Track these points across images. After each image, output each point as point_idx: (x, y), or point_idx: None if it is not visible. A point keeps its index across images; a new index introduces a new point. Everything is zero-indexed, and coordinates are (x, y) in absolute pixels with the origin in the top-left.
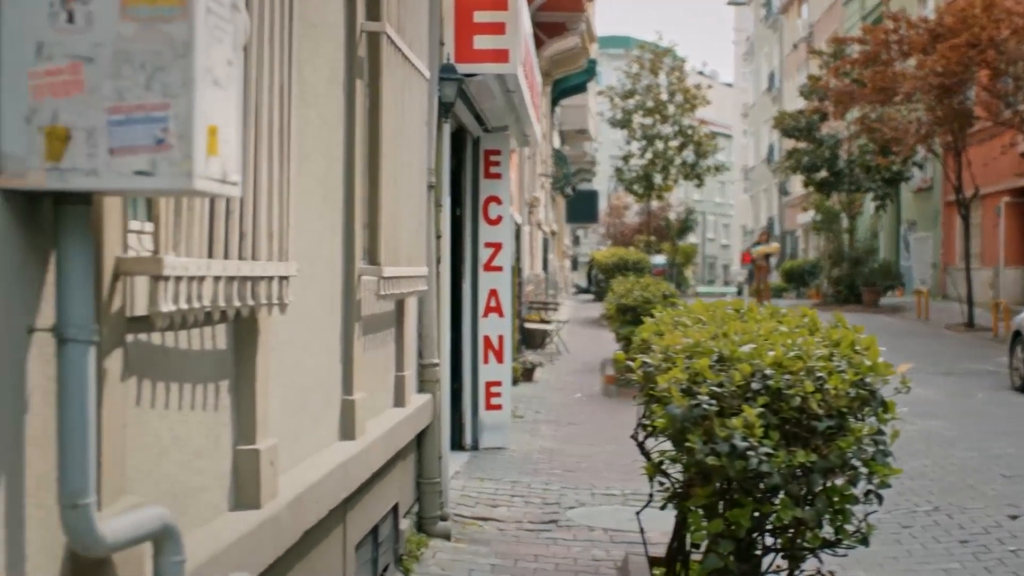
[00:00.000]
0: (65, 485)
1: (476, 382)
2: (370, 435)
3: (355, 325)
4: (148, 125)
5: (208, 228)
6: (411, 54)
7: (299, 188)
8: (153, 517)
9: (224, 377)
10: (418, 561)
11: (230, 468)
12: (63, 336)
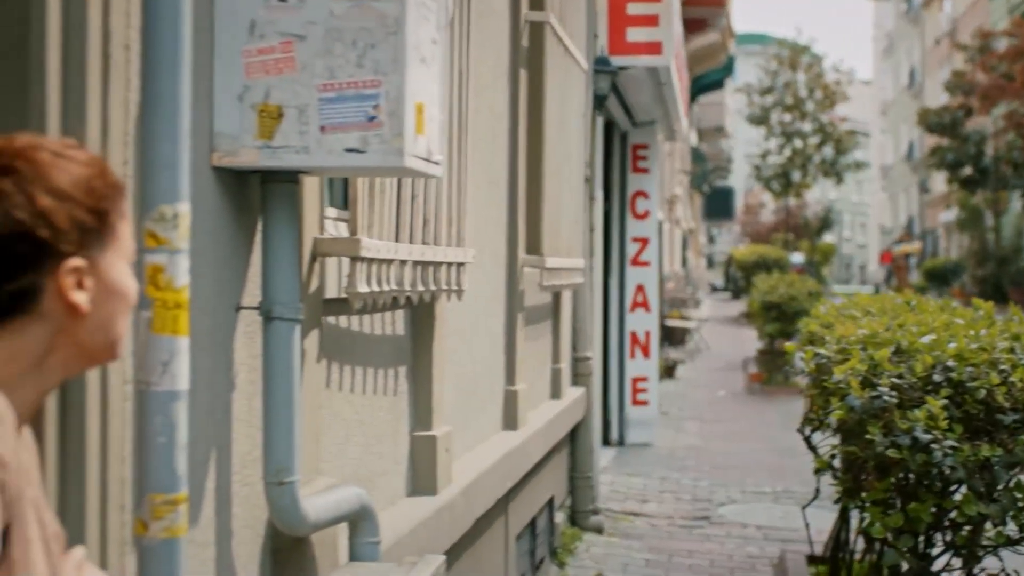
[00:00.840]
0: (270, 463)
1: (623, 377)
2: (530, 426)
3: (517, 316)
4: (359, 102)
5: (395, 212)
6: (571, 45)
7: (470, 176)
8: (352, 498)
9: (403, 363)
10: (572, 554)
11: (407, 453)
12: (270, 314)
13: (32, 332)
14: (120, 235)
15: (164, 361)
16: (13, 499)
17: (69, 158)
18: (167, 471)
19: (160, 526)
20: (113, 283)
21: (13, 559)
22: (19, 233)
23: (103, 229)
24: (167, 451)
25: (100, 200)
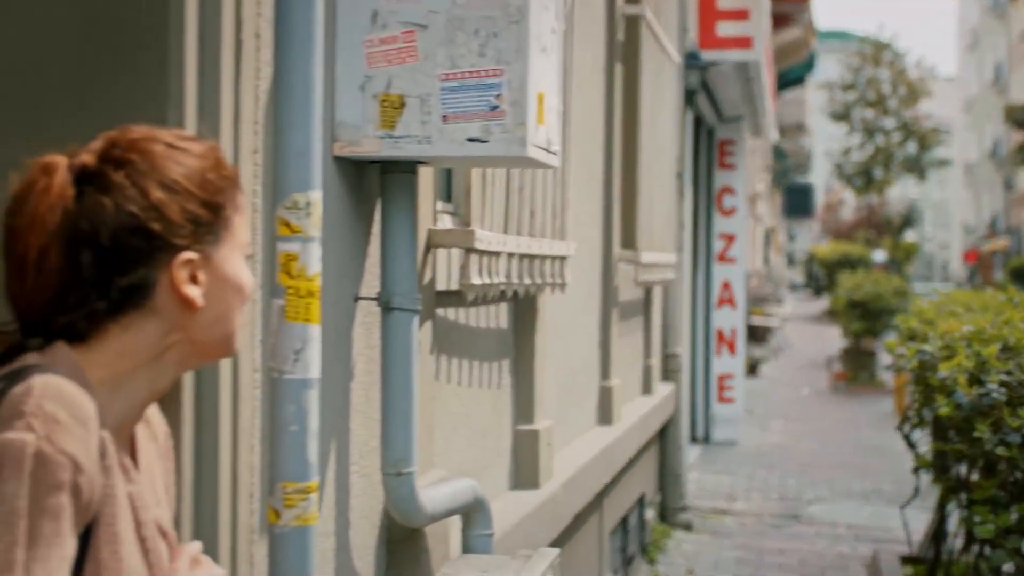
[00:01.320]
0: (389, 453)
1: (708, 374)
2: (624, 422)
3: (612, 311)
4: (481, 92)
5: (504, 204)
6: (665, 39)
7: (572, 169)
8: (466, 489)
9: (506, 356)
10: (663, 551)
11: (510, 447)
12: (389, 304)
13: (145, 328)
14: (234, 228)
15: (296, 349)
16: (92, 500)
17: (183, 150)
18: (299, 460)
19: (292, 514)
20: (227, 277)
21: (101, 558)
22: (132, 226)
23: (217, 222)
24: (299, 440)
25: (214, 193)
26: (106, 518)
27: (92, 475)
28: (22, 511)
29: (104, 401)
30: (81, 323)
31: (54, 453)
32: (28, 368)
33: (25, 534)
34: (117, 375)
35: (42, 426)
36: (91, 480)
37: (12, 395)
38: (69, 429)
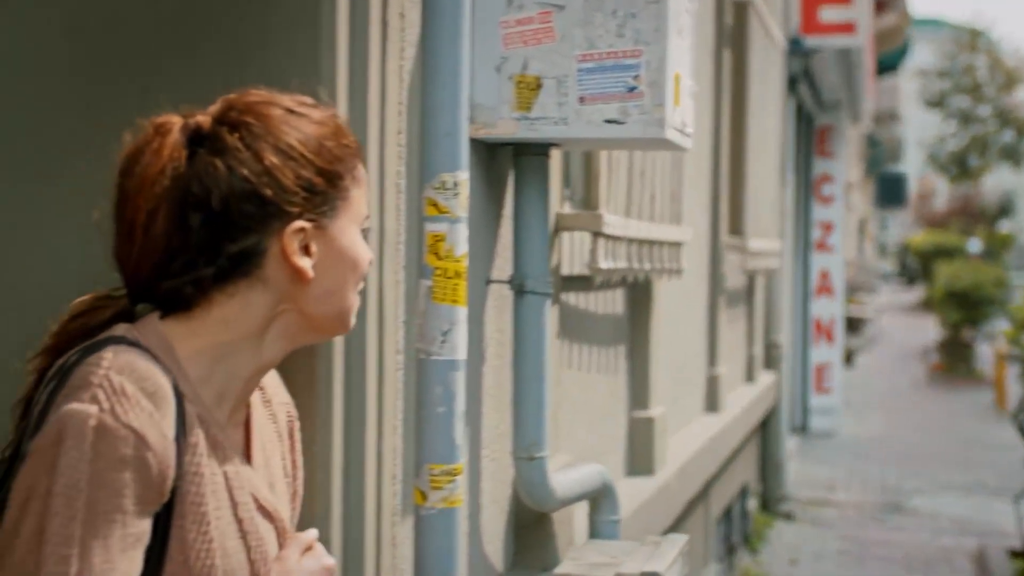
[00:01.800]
0: (521, 437)
1: (806, 364)
2: (730, 411)
3: (719, 298)
4: (619, 73)
5: (627, 188)
6: (771, 24)
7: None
8: (594, 474)
9: (622, 342)
10: (765, 541)
11: (625, 434)
12: (522, 288)
13: (251, 298)
14: (352, 200)
15: (444, 331)
16: (165, 478)
17: (302, 115)
18: (446, 442)
19: (438, 496)
20: (342, 249)
21: (187, 539)
22: (243, 191)
23: (333, 192)
24: (446, 421)
25: (331, 161)
26: (190, 497)
27: (161, 452)
28: (82, 485)
29: (202, 372)
30: (187, 289)
31: (117, 427)
32: (108, 339)
33: (84, 509)
34: (218, 345)
35: (107, 399)
36: (161, 457)
37: (84, 366)
38: (136, 403)
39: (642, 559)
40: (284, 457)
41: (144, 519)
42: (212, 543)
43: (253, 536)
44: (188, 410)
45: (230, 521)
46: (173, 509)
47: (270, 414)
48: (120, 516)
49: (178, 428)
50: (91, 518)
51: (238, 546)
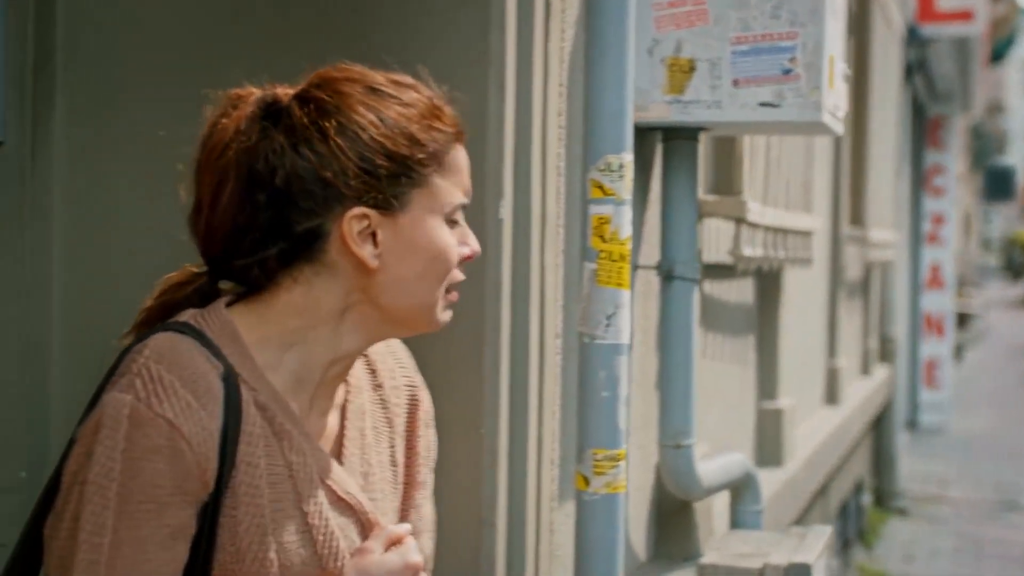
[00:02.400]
0: (667, 425)
1: (916, 359)
2: (848, 404)
3: (839, 289)
4: (774, 55)
5: (764, 175)
6: (892, 13)
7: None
8: (738, 464)
9: (751, 332)
10: (879, 537)
11: (753, 425)
12: (670, 273)
13: (318, 284)
14: (434, 188)
15: (608, 314)
16: (206, 469)
17: (386, 96)
18: (610, 427)
19: (601, 482)
20: (416, 240)
21: (239, 531)
22: (304, 171)
23: (407, 178)
24: (610, 406)
25: (408, 146)
26: (243, 487)
27: (198, 442)
28: (114, 474)
29: (270, 359)
30: (255, 270)
31: (151, 416)
32: (168, 324)
33: (116, 498)
34: (287, 332)
35: (143, 387)
36: (197, 447)
37: (131, 353)
38: (172, 392)
39: (789, 551)
40: (393, 444)
41: (184, 510)
42: (267, 535)
43: (320, 530)
44: (244, 398)
45: (292, 514)
46: (223, 499)
47: (379, 399)
48: (154, 506)
49: (228, 417)
50: (124, 507)
51: (300, 539)
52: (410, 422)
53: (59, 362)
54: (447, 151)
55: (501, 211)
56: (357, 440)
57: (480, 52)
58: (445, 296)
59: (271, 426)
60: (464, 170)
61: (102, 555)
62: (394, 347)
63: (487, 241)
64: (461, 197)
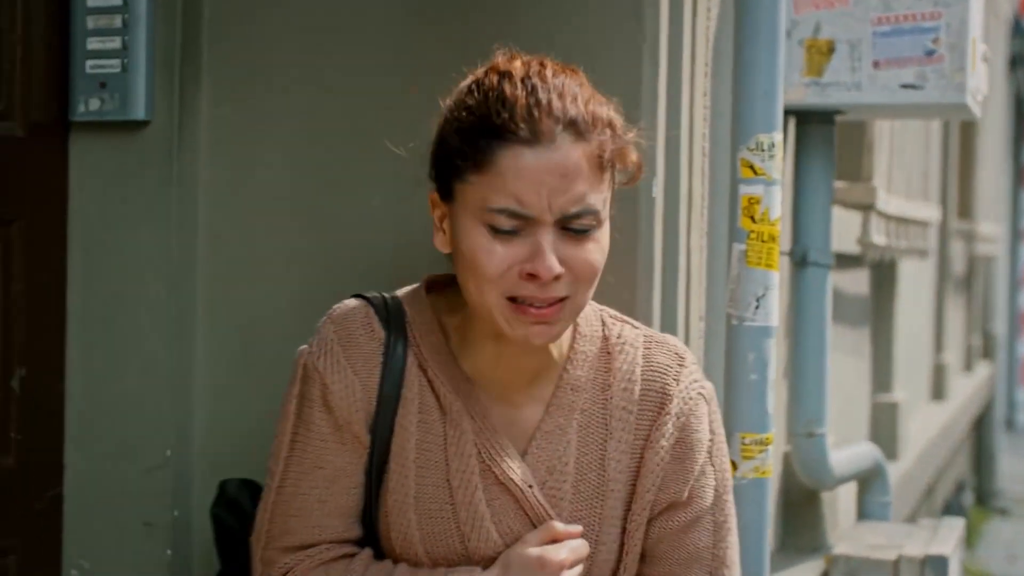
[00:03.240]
0: (800, 413)
1: (1012, 357)
2: (954, 400)
3: (946, 283)
4: (917, 36)
5: (887, 162)
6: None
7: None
8: (867, 454)
9: (865, 324)
10: (981, 537)
11: (868, 418)
12: (805, 259)
13: (457, 269)
14: (471, 188)
15: (758, 296)
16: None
17: (475, 78)
18: (758, 410)
19: (750, 466)
20: (456, 235)
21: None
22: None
23: (449, 171)
24: (759, 389)
25: (452, 135)
26: (396, 448)
27: (341, 398)
28: (291, 413)
29: (458, 341)
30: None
31: (312, 369)
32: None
33: (290, 431)
34: (464, 317)
35: (317, 344)
36: (340, 403)
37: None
38: (329, 350)
39: (923, 542)
40: (605, 450)
41: (342, 456)
42: (409, 497)
43: (465, 506)
44: (410, 367)
45: (439, 484)
46: (389, 458)
47: (602, 400)
48: (312, 447)
49: (385, 382)
50: (294, 440)
51: (445, 511)
52: (651, 430)
53: (202, 341)
54: (493, 150)
55: (654, 190)
56: (554, 435)
57: (634, 30)
58: (512, 308)
59: (437, 398)
60: (513, 177)
61: (275, 481)
62: (665, 348)
63: (639, 221)
64: (503, 202)
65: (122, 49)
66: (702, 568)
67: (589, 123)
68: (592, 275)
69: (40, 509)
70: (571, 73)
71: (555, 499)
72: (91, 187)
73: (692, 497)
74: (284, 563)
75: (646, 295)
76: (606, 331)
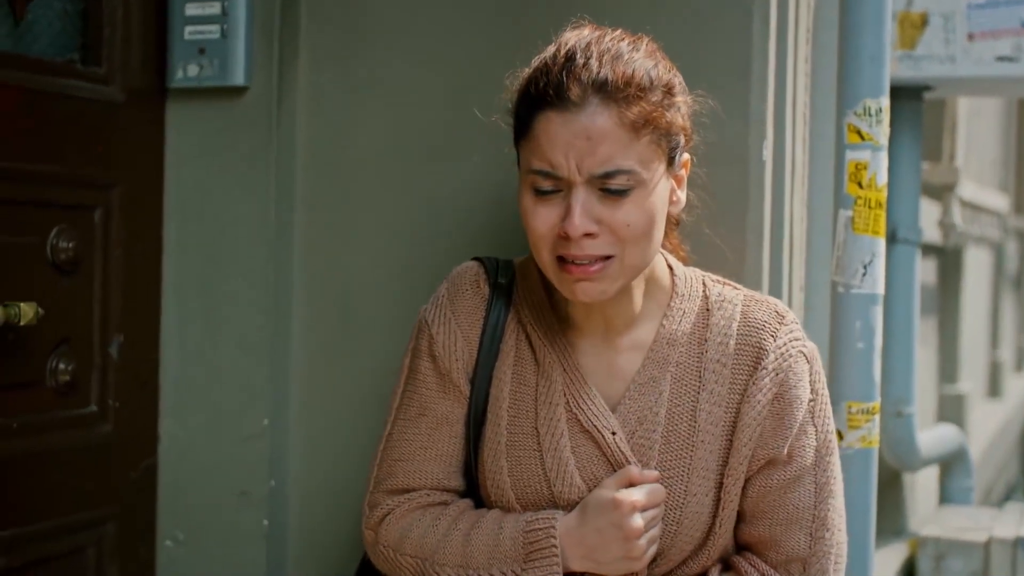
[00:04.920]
0: (888, 392)
1: None
2: (1011, 399)
3: (1002, 278)
4: (1013, 7)
5: (965, 145)
6: None
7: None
8: (952, 437)
9: (932, 313)
10: None
11: (935, 409)
12: (894, 236)
13: None
14: (522, 149)
15: (865, 263)
16: (458, 372)
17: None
18: (865, 379)
19: (856, 436)
20: (518, 201)
21: (486, 435)
22: None
23: (515, 131)
24: (866, 358)
25: (515, 99)
26: (492, 399)
27: (444, 350)
28: (405, 365)
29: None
30: None
31: (423, 323)
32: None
33: (404, 381)
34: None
35: (432, 301)
36: (442, 354)
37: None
38: (439, 305)
39: (1012, 525)
40: (697, 402)
41: (445, 404)
42: (501, 444)
43: (550, 452)
44: (510, 322)
45: (528, 432)
46: (487, 408)
47: (697, 353)
48: (417, 396)
49: (485, 335)
50: (402, 392)
51: (533, 459)
52: (747, 384)
53: (299, 310)
54: (533, 116)
55: (764, 152)
56: (647, 386)
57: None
58: (559, 266)
59: (533, 352)
60: (545, 141)
61: (385, 428)
62: (765, 306)
63: (750, 184)
64: (538, 164)
65: (221, 15)
66: (802, 529)
67: (620, 85)
68: (632, 235)
69: (135, 479)
70: (633, 41)
71: (644, 448)
72: (188, 154)
73: (792, 455)
74: (386, 504)
75: (755, 260)
76: (707, 291)
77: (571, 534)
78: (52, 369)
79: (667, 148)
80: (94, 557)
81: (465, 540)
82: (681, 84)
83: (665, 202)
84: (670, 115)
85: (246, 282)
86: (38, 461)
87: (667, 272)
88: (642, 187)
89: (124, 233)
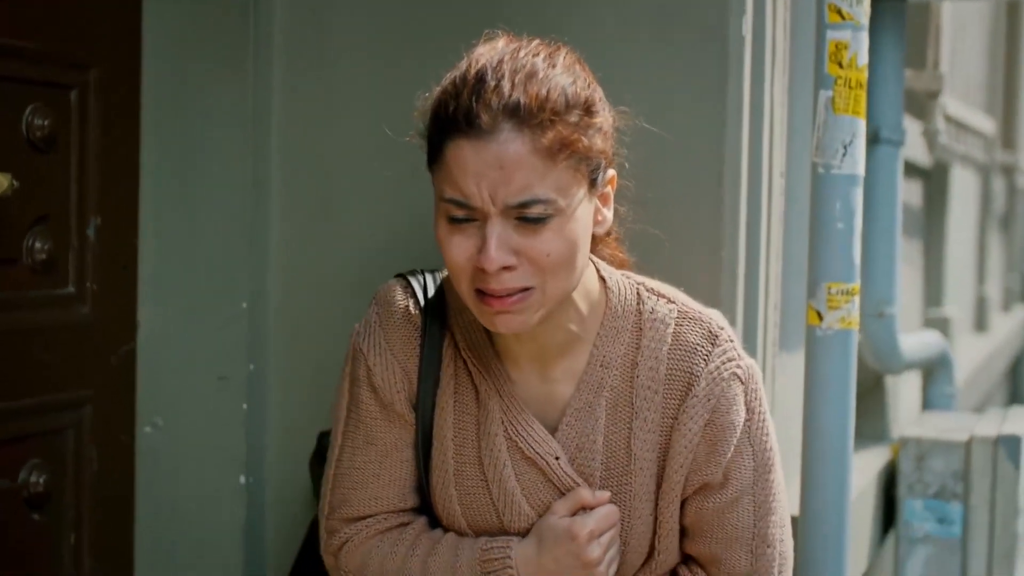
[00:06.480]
0: (870, 293)
1: None
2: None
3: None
4: None
5: (949, 59)
6: None
7: None
8: (936, 342)
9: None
10: None
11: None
12: (876, 136)
13: None
14: (435, 175)
15: (845, 143)
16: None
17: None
18: (844, 260)
19: (835, 316)
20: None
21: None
22: None
23: (430, 164)
24: (845, 238)
25: (426, 120)
26: (436, 427)
27: (382, 378)
28: (345, 390)
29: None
30: None
31: (358, 351)
32: (406, 272)
33: (345, 407)
34: None
35: (363, 326)
36: (381, 382)
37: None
38: (373, 333)
39: (994, 425)
40: (632, 428)
41: (391, 433)
42: (449, 473)
43: (495, 482)
44: (447, 351)
45: (472, 461)
46: (432, 435)
47: (628, 377)
48: (363, 425)
49: (424, 362)
50: (347, 418)
51: (478, 487)
52: (679, 411)
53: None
54: (442, 142)
55: (744, 27)
56: (583, 412)
57: None
58: (478, 298)
59: (472, 379)
60: (457, 169)
61: (333, 453)
62: (698, 325)
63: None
64: (451, 193)
65: None
66: (743, 546)
67: (533, 109)
68: (552, 264)
69: (115, 364)
70: (550, 54)
71: (586, 474)
72: (166, 39)
73: (728, 478)
74: (344, 532)
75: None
76: (640, 306)
77: (529, 563)
78: (29, 247)
79: (587, 171)
80: (73, 439)
81: (423, 568)
82: (602, 99)
83: (588, 226)
84: (588, 137)
85: (223, 166)
86: (13, 338)
87: (599, 286)
88: (560, 215)
89: (101, 115)
